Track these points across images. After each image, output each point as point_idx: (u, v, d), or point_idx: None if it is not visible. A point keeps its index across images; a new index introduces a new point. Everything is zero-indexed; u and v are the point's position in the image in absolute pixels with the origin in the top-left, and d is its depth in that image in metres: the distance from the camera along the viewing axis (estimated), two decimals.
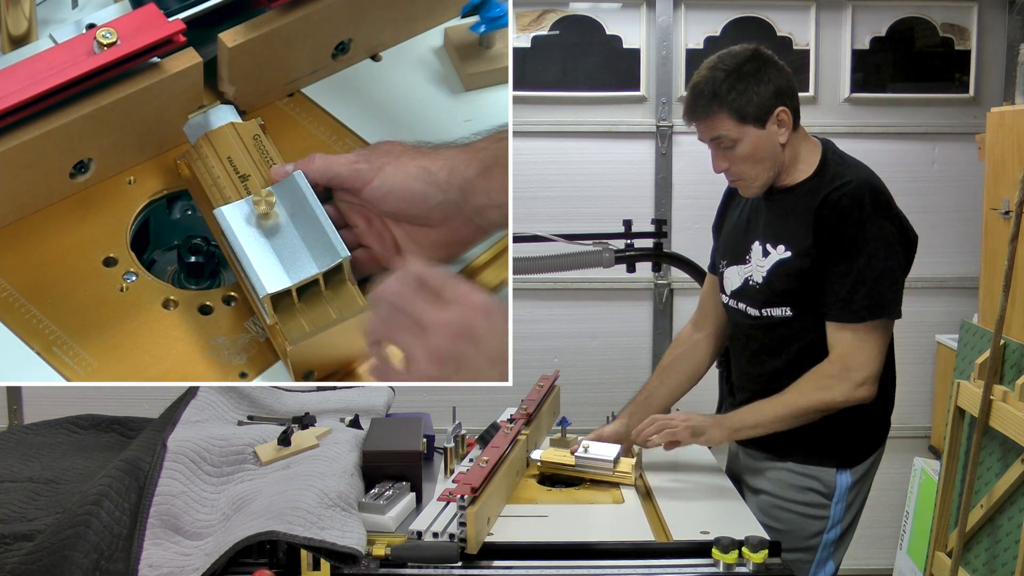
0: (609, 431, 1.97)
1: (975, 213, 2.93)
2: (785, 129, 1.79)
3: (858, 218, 1.74)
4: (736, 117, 1.75)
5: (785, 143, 1.80)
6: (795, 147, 1.83)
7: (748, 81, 1.75)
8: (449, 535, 1.53)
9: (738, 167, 1.80)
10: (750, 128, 1.76)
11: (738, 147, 1.78)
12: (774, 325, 1.85)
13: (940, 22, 3.26)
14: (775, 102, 1.76)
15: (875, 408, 1.84)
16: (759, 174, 1.81)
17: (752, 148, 1.78)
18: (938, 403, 3.26)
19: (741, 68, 1.75)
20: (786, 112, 1.78)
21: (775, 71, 1.78)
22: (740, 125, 1.76)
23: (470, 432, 2.03)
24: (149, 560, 1.45)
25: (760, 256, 1.86)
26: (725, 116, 1.76)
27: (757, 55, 1.78)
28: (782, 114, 1.77)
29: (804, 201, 1.80)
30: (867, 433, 1.89)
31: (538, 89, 3.26)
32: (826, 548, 1.87)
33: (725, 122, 1.76)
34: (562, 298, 3.31)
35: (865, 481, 1.90)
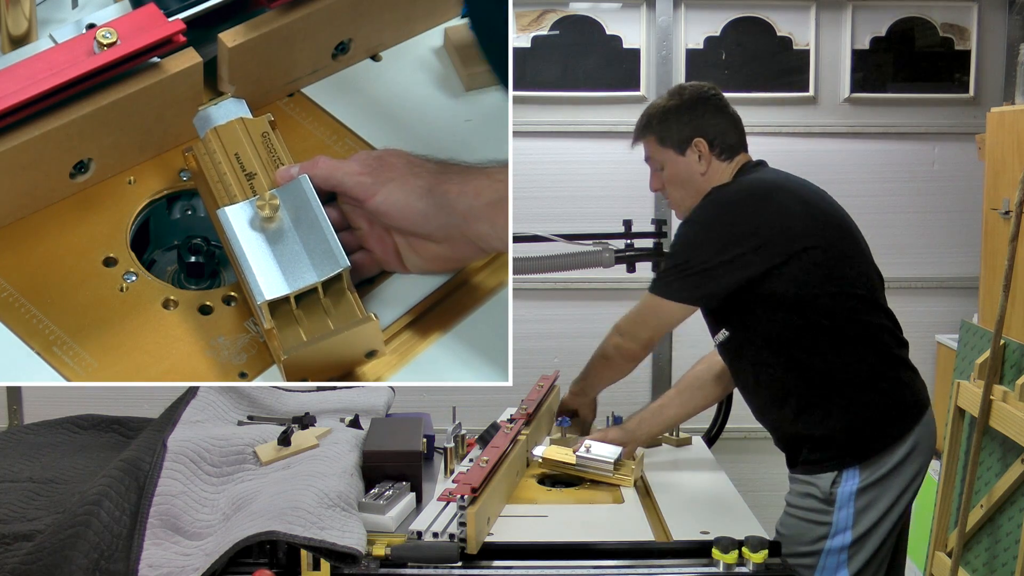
0: (614, 435, 1.96)
1: (975, 213, 2.93)
2: (705, 160, 1.91)
3: (694, 211, 1.88)
4: (659, 141, 1.94)
5: (704, 173, 1.91)
6: (720, 177, 1.92)
7: (674, 110, 1.93)
8: (449, 535, 1.53)
9: (667, 190, 1.97)
10: (671, 153, 1.93)
11: (666, 170, 1.95)
12: (725, 349, 1.92)
13: (940, 22, 3.26)
14: (693, 133, 1.91)
15: (866, 401, 1.80)
16: (683, 198, 1.94)
17: (673, 173, 1.94)
18: (938, 403, 3.26)
19: (677, 100, 1.94)
20: (702, 144, 1.90)
21: (706, 112, 1.92)
22: (662, 149, 1.93)
23: (470, 432, 2.03)
24: (149, 560, 1.45)
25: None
26: (652, 139, 1.95)
27: (699, 97, 1.94)
28: (699, 145, 1.90)
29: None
30: (865, 429, 1.84)
31: (538, 89, 3.26)
32: (832, 555, 1.81)
33: (652, 145, 1.95)
34: (562, 298, 3.31)
35: (886, 485, 1.81)
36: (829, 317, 1.78)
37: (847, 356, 1.80)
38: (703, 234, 1.84)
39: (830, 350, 1.79)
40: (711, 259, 1.80)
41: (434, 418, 2.15)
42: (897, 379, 1.85)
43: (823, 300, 1.78)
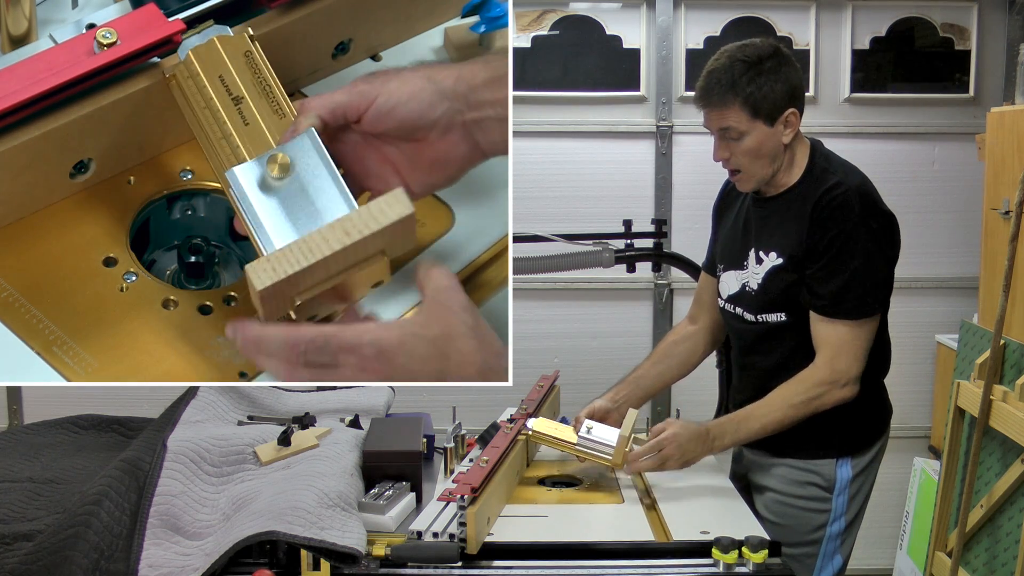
0: (598, 404, 1.96)
1: (975, 213, 2.92)
2: (791, 131, 1.79)
3: (848, 220, 1.75)
4: (749, 111, 1.75)
5: (788, 144, 1.81)
6: (793, 148, 1.84)
7: (767, 77, 1.74)
8: (449, 535, 1.53)
9: (738, 159, 1.81)
10: (760, 124, 1.76)
11: (744, 140, 1.78)
12: (769, 329, 1.87)
13: (940, 22, 3.26)
14: (788, 103, 1.77)
15: (869, 398, 1.85)
16: (758, 170, 1.82)
17: (757, 144, 1.78)
18: (938, 403, 3.26)
19: (762, 63, 1.75)
20: (795, 115, 1.78)
21: (793, 71, 1.79)
22: (751, 120, 1.76)
23: (470, 432, 2.03)
24: (149, 560, 1.45)
25: (755, 263, 1.88)
26: (738, 108, 1.75)
27: (778, 52, 1.78)
28: (791, 116, 1.78)
29: (794, 207, 1.82)
30: (864, 423, 1.90)
31: (538, 89, 3.26)
32: (831, 541, 1.88)
33: (737, 114, 1.76)
34: (562, 298, 3.31)
35: (868, 473, 1.91)
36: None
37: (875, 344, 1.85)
38: (872, 235, 1.78)
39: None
40: (890, 254, 1.82)
41: (434, 418, 2.15)
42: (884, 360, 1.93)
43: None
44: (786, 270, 1.81)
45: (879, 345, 1.88)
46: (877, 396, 1.93)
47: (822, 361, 1.79)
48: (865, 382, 1.83)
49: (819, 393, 1.78)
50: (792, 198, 1.83)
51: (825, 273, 1.77)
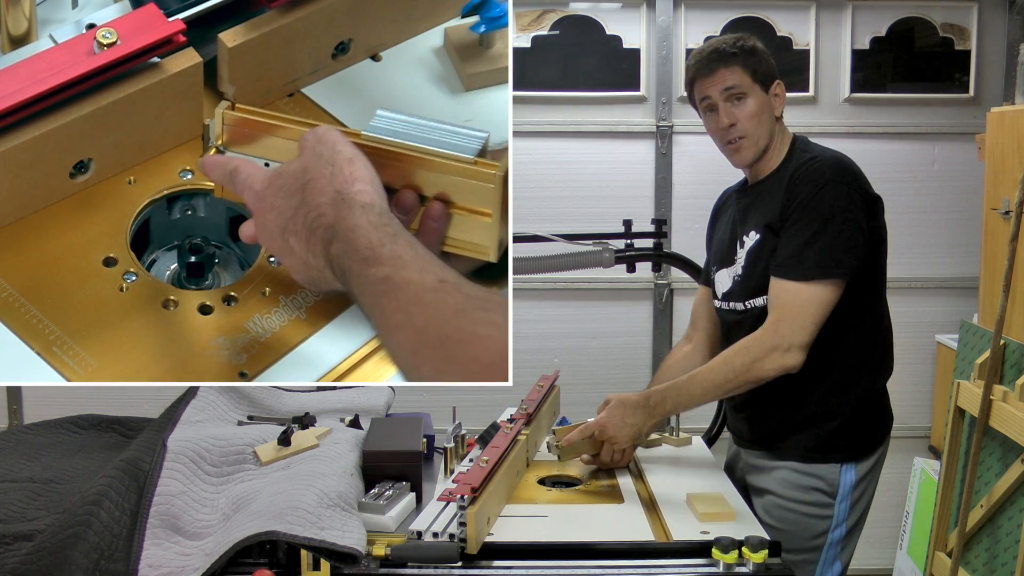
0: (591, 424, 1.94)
1: (975, 213, 2.93)
2: (780, 104, 1.89)
3: (817, 182, 1.78)
4: (749, 73, 1.86)
5: (778, 117, 1.90)
6: (780, 130, 1.91)
7: (758, 50, 1.89)
8: (449, 535, 1.53)
9: (744, 125, 1.86)
10: (758, 89, 1.86)
11: (747, 102, 1.86)
12: (758, 316, 1.86)
13: (940, 22, 3.27)
14: (776, 75, 1.90)
15: (874, 399, 1.85)
16: (761, 135, 1.87)
17: (759, 107, 1.86)
18: (938, 403, 3.27)
19: (754, 41, 1.90)
20: (782, 88, 1.90)
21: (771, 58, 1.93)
22: (752, 82, 1.86)
23: (470, 432, 2.03)
24: (149, 560, 1.45)
25: (740, 250, 1.91)
26: (740, 69, 1.86)
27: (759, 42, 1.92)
28: (779, 88, 1.90)
29: (772, 188, 1.87)
30: (869, 425, 1.88)
31: (538, 89, 3.26)
32: (832, 548, 1.86)
33: (740, 74, 1.85)
34: (562, 298, 3.31)
35: (871, 478, 1.89)
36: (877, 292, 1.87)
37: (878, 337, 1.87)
38: (841, 197, 1.76)
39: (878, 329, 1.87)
40: (863, 222, 1.78)
41: (434, 418, 2.15)
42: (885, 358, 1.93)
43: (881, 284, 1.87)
44: (763, 246, 1.84)
45: (880, 346, 1.87)
46: (882, 398, 1.92)
47: (768, 323, 1.77)
48: (869, 383, 1.83)
49: (759, 356, 1.75)
50: (772, 180, 1.89)
51: (788, 235, 1.78)
